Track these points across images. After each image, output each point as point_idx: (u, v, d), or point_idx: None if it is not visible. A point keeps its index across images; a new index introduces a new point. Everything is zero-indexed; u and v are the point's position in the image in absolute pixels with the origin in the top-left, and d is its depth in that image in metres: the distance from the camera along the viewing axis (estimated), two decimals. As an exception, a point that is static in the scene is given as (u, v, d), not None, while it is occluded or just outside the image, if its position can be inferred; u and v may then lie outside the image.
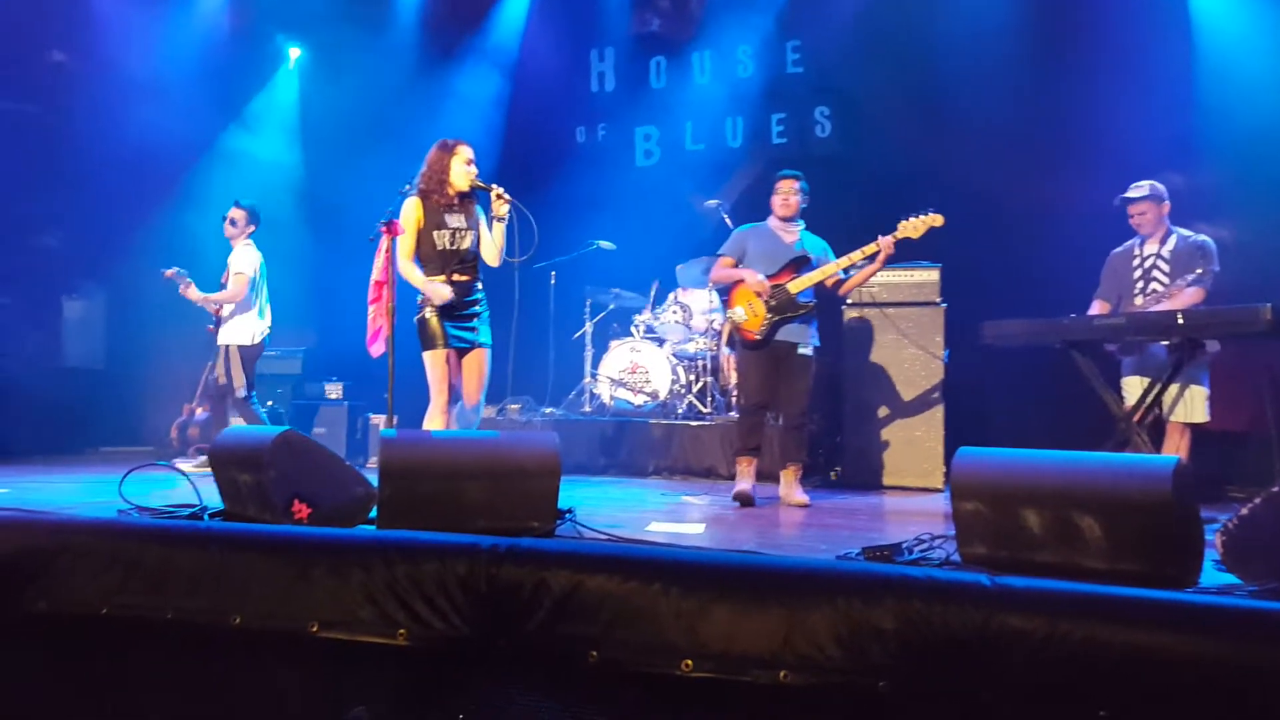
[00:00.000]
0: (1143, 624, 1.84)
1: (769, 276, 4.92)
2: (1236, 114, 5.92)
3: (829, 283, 4.96)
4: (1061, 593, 1.96)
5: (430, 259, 4.43)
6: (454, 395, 4.52)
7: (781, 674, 2.00)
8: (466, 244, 4.44)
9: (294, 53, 9.14)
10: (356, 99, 8.47)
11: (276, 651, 2.46)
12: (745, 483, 4.95)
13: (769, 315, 4.88)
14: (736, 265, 5.06)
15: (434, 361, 4.40)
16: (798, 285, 4.87)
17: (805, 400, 4.98)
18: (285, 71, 9.16)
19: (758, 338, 4.92)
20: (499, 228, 4.45)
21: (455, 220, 4.43)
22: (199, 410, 7.43)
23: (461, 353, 4.47)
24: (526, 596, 2.25)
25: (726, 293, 5.31)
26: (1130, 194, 4.89)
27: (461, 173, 4.44)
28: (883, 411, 6.02)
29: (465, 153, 4.48)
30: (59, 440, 7.41)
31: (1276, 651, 1.70)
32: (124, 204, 7.91)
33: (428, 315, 4.40)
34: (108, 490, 4.02)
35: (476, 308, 4.51)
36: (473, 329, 4.47)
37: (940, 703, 1.90)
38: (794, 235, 5.06)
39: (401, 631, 2.33)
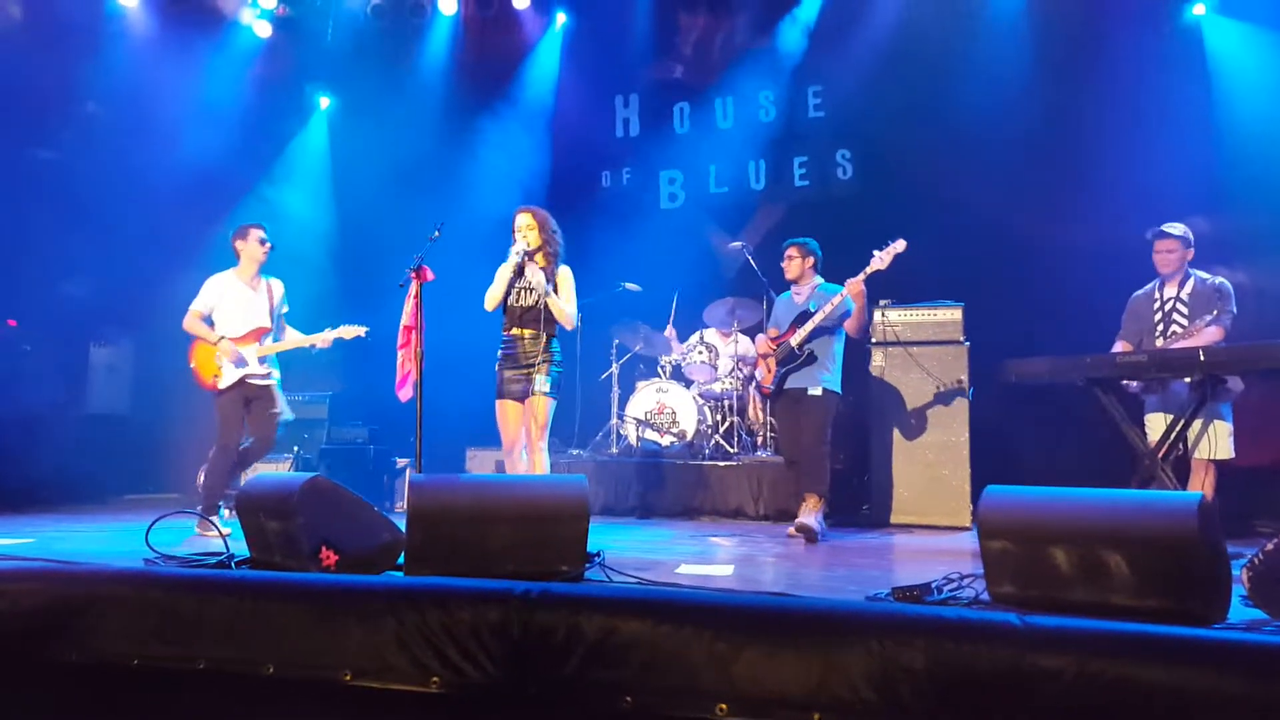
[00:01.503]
0: (1175, 661, 1.85)
1: (781, 335, 5.39)
2: (1252, 157, 5.99)
3: (850, 330, 5.31)
4: (1092, 631, 1.97)
5: (506, 313, 4.84)
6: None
7: (815, 716, 2.00)
8: (527, 301, 4.78)
9: (324, 102, 9.35)
10: (386, 146, 8.61)
11: (310, 701, 2.43)
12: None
13: (777, 369, 5.35)
14: (778, 331, 5.51)
15: (497, 410, 4.81)
16: (797, 338, 5.27)
17: (817, 433, 5.19)
18: (316, 120, 9.35)
19: (770, 389, 5.43)
20: (554, 293, 4.82)
21: (522, 281, 4.81)
22: None
23: (523, 400, 4.76)
24: (560, 642, 2.24)
25: None
26: (1166, 228, 4.94)
27: (518, 238, 4.83)
28: (909, 450, 6.04)
29: (516, 220, 4.88)
30: (84, 488, 7.28)
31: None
32: (153, 252, 7.93)
33: (496, 367, 4.83)
34: (134, 539, 3.99)
35: (539, 360, 4.74)
36: (526, 379, 4.74)
37: (973, 743, 1.90)
38: (804, 295, 5.43)
39: (435, 679, 2.31)
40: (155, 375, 8.62)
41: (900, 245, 5.06)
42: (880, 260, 5.06)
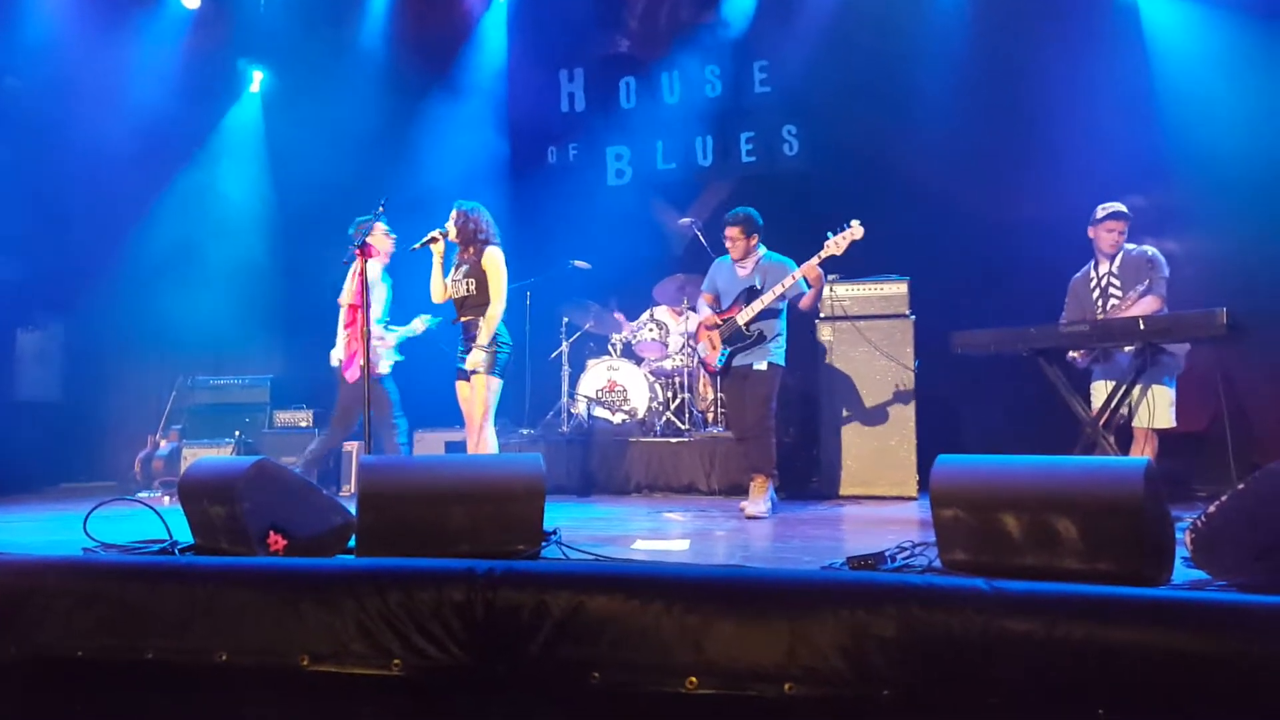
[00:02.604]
0: (1139, 622, 1.88)
1: (724, 310, 5.31)
2: (1191, 132, 6.13)
3: (804, 307, 5.27)
4: (1058, 595, 2.00)
5: (454, 302, 5.05)
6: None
7: (786, 686, 1.99)
8: (461, 291, 4.96)
9: (257, 76, 9.06)
10: (325, 121, 8.35)
11: (265, 688, 2.38)
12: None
13: (723, 347, 5.28)
14: (715, 298, 5.44)
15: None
16: (744, 316, 5.20)
17: (762, 406, 5.17)
18: (249, 95, 9.07)
19: (716, 368, 5.36)
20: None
21: (457, 273, 4.99)
22: (163, 442, 7.32)
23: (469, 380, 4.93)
24: (526, 620, 2.21)
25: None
26: (1116, 208, 5.02)
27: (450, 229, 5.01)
28: (856, 423, 6.11)
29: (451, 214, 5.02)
30: (16, 478, 7.08)
31: (1259, 643, 1.78)
32: (81, 232, 7.74)
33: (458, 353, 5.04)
34: (70, 528, 3.86)
35: (476, 342, 4.89)
36: (464, 359, 4.94)
37: (942, 709, 1.92)
38: (748, 269, 5.33)
39: (396, 662, 2.26)
40: (87, 359, 8.43)
41: (858, 233, 4.89)
42: (836, 247, 4.92)
